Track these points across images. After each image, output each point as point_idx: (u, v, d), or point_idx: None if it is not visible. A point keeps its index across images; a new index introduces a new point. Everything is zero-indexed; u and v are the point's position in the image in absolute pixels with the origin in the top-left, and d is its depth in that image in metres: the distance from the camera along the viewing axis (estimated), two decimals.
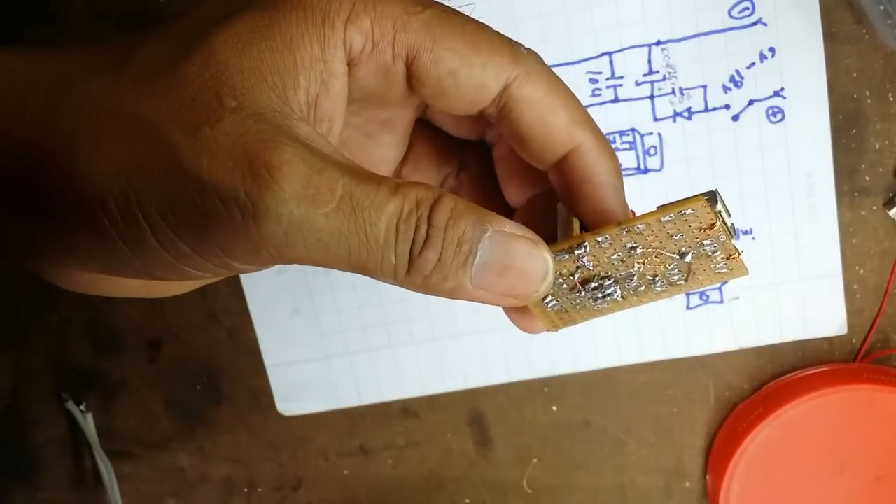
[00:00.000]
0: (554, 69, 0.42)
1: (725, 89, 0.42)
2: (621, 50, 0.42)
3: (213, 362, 0.48)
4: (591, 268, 0.25)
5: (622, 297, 0.26)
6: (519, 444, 0.48)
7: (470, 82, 0.24)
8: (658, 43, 0.42)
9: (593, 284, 0.25)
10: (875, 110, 0.41)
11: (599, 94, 0.42)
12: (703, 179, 0.43)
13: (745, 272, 0.25)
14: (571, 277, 0.25)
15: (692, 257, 0.25)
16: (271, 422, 0.49)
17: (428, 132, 0.29)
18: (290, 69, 0.22)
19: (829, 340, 0.44)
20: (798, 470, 0.44)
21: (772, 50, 0.41)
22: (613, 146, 0.43)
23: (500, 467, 0.48)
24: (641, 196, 0.43)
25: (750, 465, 0.44)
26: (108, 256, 0.22)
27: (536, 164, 0.26)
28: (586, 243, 0.24)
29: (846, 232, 0.43)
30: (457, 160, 0.30)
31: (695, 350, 0.45)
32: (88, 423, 0.49)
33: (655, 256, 0.25)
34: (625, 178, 0.43)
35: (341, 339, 0.47)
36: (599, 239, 0.24)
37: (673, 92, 0.42)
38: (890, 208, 0.42)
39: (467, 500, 0.49)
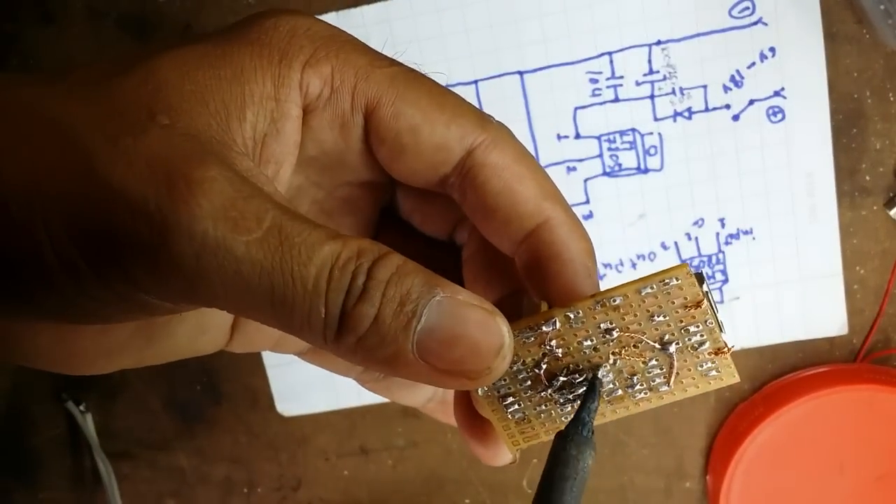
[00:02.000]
0: (554, 69, 0.42)
1: (726, 89, 0.42)
2: (621, 50, 0.42)
3: (213, 362, 0.48)
4: (560, 355, 0.22)
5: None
6: None
7: (431, 140, 0.22)
8: (658, 43, 0.42)
9: (561, 379, 0.22)
10: (875, 110, 0.41)
11: (599, 94, 0.42)
12: (704, 179, 0.43)
13: (735, 377, 0.22)
14: (535, 370, 0.22)
15: (676, 349, 0.22)
16: (271, 422, 0.49)
17: (395, 229, 0.27)
18: (237, 100, 0.21)
19: (830, 340, 0.44)
20: (798, 470, 0.44)
21: (772, 50, 0.41)
22: (613, 146, 0.43)
23: (500, 468, 0.48)
24: (641, 196, 0.43)
25: (750, 465, 0.44)
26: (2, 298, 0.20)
27: (502, 243, 0.24)
28: (555, 319, 0.22)
29: (846, 232, 0.43)
30: (424, 260, 0.27)
31: None
32: (88, 424, 0.49)
33: (634, 346, 0.22)
34: (625, 178, 0.43)
35: None
36: (570, 314, 0.22)
37: (673, 92, 0.42)
38: (890, 208, 0.42)
39: (467, 501, 0.49)
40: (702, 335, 0.22)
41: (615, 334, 0.22)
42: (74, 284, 0.19)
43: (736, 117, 0.42)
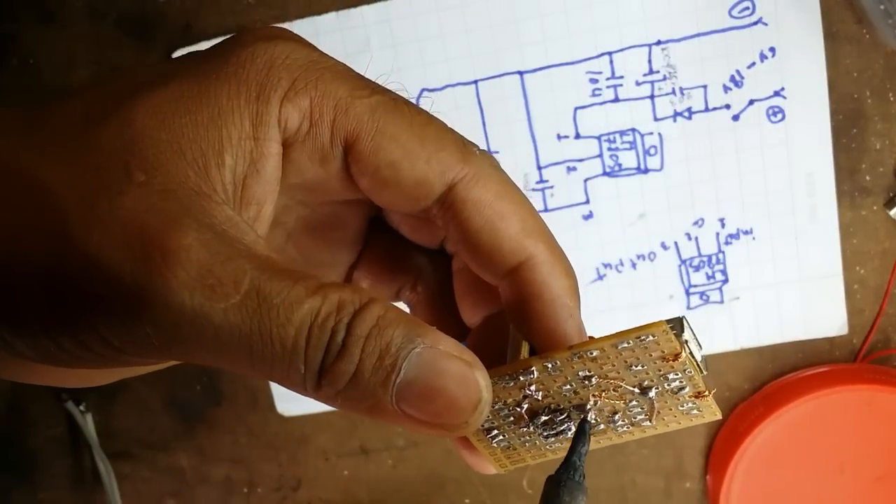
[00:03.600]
0: (554, 69, 0.42)
1: (726, 89, 0.42)
2: (621, 50, 0.42)
3: None
4: (541, 398, 0.22)
5: None
6: None
7: (412, 176, 0.22)
8: (658, 43, 0.42)
9: (543, 418, 0.22)
10: (875, 110, 0.41)
11: (599, 94, 0.42)
12: (704, 179, 0.43)
13: (717, 415, 0.22)
14: (517, 409, 0.23)
15: (656, 394, 0.22)
16: (271, 422, 0.49)
17: (385, 237, 0.27)
18: (215, 145, 0.20)
19: (830, 340, 0.44)
20: (798, 470, 0.44)
21: (772, 50, 0.41)
22: (613, 146, 0.43)
23: None
24: (641, 196, 0.43)
25: (750, 465, 0.44)
26: None
27: (485, 276, 0.24)
28: (533, 369, 0.22)
29: (846, 232, 0.43)
30: (415, 270, 0.27)
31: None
32: (88, 423, 0.49)
33: (613, 389, 0.22)
34: (625, 178, 0.43)
35: None
36: (548, 364, 0.22)
37: (673, 92, 0.42)
38: (890, 208, 0.42)
39: (467, 501, 0.49)
40: (681, 381, 0.22)
41: (594, 381, 0.22)
42: (51, 341, 0.19)
43: (736, 117, 0.42)
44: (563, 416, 0.22)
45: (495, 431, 0.23)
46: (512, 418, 0.23)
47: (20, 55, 0.45)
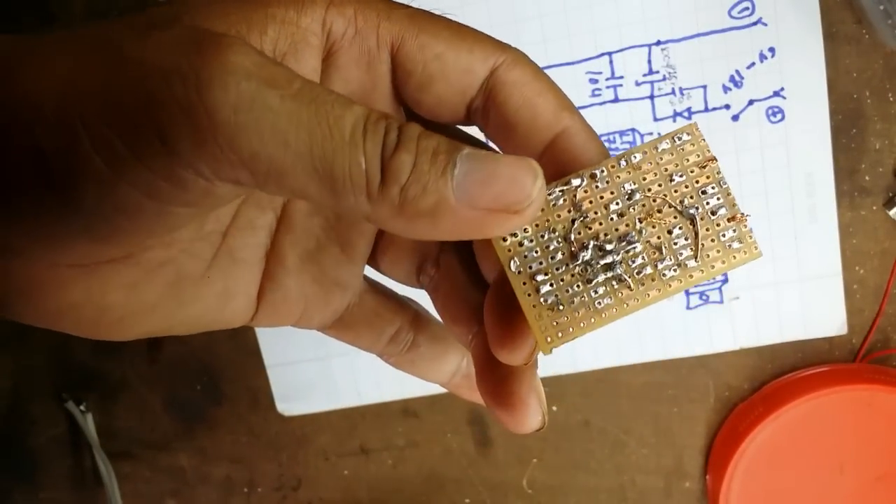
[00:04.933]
0: (554, 69, 0.42)
1: (725, 89, 0.42)
2: (621, 50, 0.42)
3: (213, 362, 0.48)
4: (590, 220, 0.23)
5: (627, 285, 0.23)
6: (519, 445, 0.48)
7: (457, 65, 0.24)
8: (658, 43, 0.42)
9: (590, 249, 0.23)
10: (875, 110, 0.41)
11: (599, 94, 0.42)
12: None
13: (758, 251, 0.23)
14: (566, 241, 0.23)
15: (697, 212, 0.23)
16: (271, 422, 0.49)
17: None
18: (259, 16, 0.22)
19: (829, 340, 0.44)
20: (798, 470, 0.44)
21: (772, 50, 0.41)
22: (613, 146, 0.43)
23: (500, 467, 0.48)
24: None
25: (750, 465, 0.44)
26: (42, 196, 0.20)
27: (524, 153, 0.25)
28: (583, 174, 0.23)
29: (846, 232, 0.43)
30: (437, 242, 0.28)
31: (695, 350, 0.45)
32: (88, 423, 0.49)
33: (658, 211, 0.23)
34: None
35: None
36: (595, 172, 0.23)
37: (673, 92, 0.42)
38: (890, 208, 0.42)
39: (467, 501, 0.49)
40: (718, 198, 0.23)
41: (638, 196, 0.23)
42: (113, 169, 0.19)
43: (735, 117, 0.42)
44: (612, 246, 0.23)
45: (542, 277, 0.23)
46: (560, 255, 0.23)
47: None
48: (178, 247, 0.24)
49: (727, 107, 0.42)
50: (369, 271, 0.28)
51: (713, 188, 0.23)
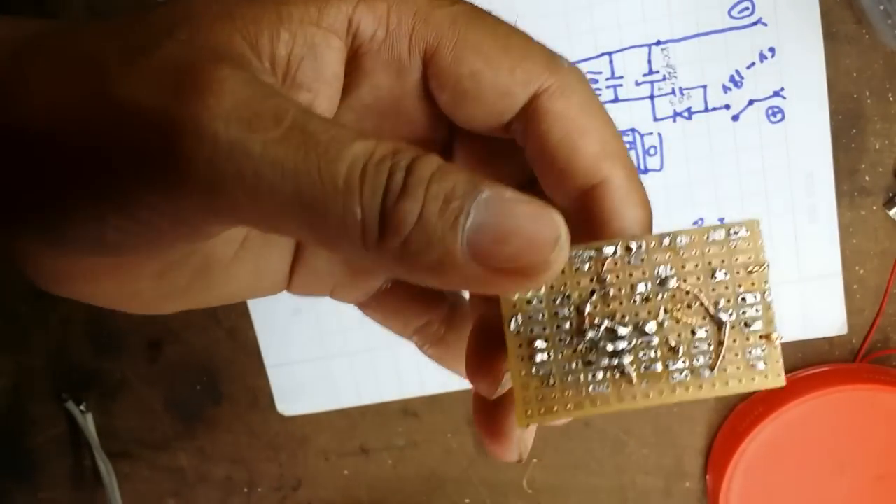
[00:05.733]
0: None
1: (725, 89, 0.42)
2: (621, 50, 0.42)
3: (213, 362, 0.48)
4: (610, 296, 0.20)
5: (630, 378, 0.21)
6: None
7: (494, 87, 0.21)
8: (658, 43, 0.42)
9: (602, 329, 0.20)
10: (875, 110, 0.41)
11: (599, 94, 0.42)
12: (703, 180, 0.43)
13: (781, 380, 0.21)
14: (578, 313, 0.21)
15: (729, 319, 0.20)
16: (271, 422, 0.49)
17: None
18: (272, 17, 0.19)
19: (829, 340, 0.44)
20: (798, 470, 0.44)
21: (772, 50, 0.41)
22: None
23: (500, 467, 0.48)
24: None
25: (750, 465, 0.44)
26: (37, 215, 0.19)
27: (555, 196, 0.23)
28: (618, 243, 0.20)
29: (846, 232, 0.43)
30: None
31: None
32: (88, 423, 0.49)
33: (687, 306, 0.20)
34: None
35: (341, 338, 0.47)
36: (632, 245, 0.20)
37: (673, 92, 0.42)
38: (890, 208, 0.42)
39: (467, 501, 0.49)
40: (757, 310, 0.20)
41: (671, 284, 0.20)
42: (94, 216, 0.19)
43: (735, 117, 0.42)
44: (626, 331, 0.20)
45: (541, 343, 0.21)
46: (567, 326, 0.21)
47: None
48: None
49: (727, 107, 0.42)
50: None
51: (754, 297, 0.20)
